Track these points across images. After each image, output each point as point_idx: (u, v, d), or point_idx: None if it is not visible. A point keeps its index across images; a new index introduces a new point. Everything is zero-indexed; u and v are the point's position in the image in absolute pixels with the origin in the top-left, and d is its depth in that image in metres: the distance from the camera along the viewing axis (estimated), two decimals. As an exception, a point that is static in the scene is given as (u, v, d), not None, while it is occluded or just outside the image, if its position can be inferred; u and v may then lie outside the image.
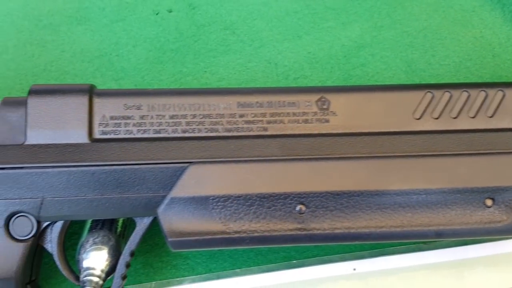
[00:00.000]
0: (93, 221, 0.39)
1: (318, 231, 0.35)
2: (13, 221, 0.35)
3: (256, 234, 0.35)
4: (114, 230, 0.38)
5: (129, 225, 0.40)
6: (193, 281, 0.41)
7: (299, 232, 0.35)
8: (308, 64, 0.51)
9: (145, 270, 0.43)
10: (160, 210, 0.35)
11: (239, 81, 0.51)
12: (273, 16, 0.54)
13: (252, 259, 0.43)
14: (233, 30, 0.53)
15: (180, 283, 0.41)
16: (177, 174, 0.35)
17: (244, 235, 0.35)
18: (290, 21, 0.53)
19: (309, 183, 0.35)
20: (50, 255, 0.37)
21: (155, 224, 0.42)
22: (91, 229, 0.38)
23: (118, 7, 0.54)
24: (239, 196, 0.35)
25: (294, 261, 0.42)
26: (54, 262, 0.37)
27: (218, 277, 0.42)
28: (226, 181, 0.35)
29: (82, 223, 0.39)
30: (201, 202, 0.35)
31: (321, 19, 0.53)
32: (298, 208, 0.35)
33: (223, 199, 0.35)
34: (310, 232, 0.35)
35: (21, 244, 0.35)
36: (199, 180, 0.35)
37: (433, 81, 0.50)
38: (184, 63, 0.52)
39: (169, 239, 0.35)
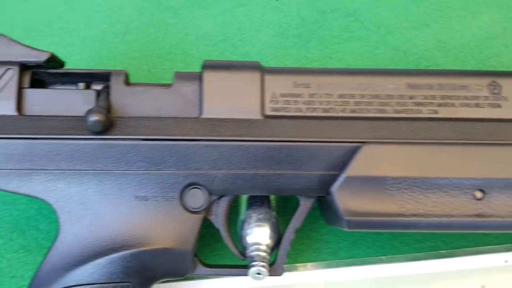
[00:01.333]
0: (251, 198, 0.39)
1: (497, 218, 0.35)
2: (187, 193, 0.36)
3: (433, 219, 0.35)
4: (272, 208, 0.39)
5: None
6: (337, 265, 0.42)
7: (477, 219, 0.35)
8: (440, 52, 0.51)
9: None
10: (334, 189, 0.35)
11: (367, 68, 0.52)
12: (398, 4, 0.54)
13: (396, 247, 0.44)
14: (356, 17, 0.54)
15: (323, 266, 0.42)
16: (350, 154, 0.35)
17: (421, 218, 0.35)
18: (416, 9, 0.54)
19: (487, 169, 0.35)
20: (215, 229, 0.38)
21: (293, 206, 0.43)
22: (250, 206, 0.39)
23: (238, -8, 0.55)
24: (415, 179, 0.35)
25: (443, 251, 0.42)
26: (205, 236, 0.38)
27: (363, 263, 0.42)
28: (401, 162, 0.35)
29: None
30: (377, 183, 0.35)
31: (448, 8, 0.54)
32: (475, 194, 0.35)
33: (399, 180, 0.35)
34: (488, 219, 0.35)
35: (195, 216, 0.36)
36: (374, 161, 0.35)
37: None
38: (308, 49, 0.53)
39: (346, 218, 0.35)
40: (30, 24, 0.54)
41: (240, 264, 0.38)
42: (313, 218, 0.44)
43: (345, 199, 0.35)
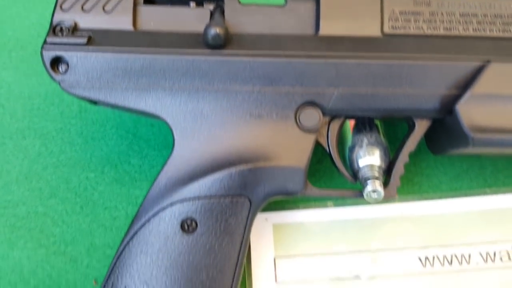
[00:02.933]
0: (358, 124, 0.40)
1: None
2: (302, 112, 0.37)
3: None
4: (380, 133, 0.40)
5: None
6: (439, 197, 0.42)
7: None
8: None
9: (386, 185, 0.44)
10: (459, 106, 0.35)
11: None
12: None
13: (501, 180, 0.44)
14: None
15: (425, 199, 0.43)
16: (475, 72, 0.36)
17: None
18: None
19: None
20: (322, 153, 0.39)
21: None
22: (359, 131, 0.40)
23: None
24: None
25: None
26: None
27: (466, 195, 0.43)
28: None
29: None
30: (503, 100, 0.35)
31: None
32: None
33: None
34: None
35: (308, 136, 0.37)
36: (501, 78, 0.36)
37: None
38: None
39: (471, 135, 0.35)
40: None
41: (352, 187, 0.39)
42: (413, 154, 0.44)
43: (470, 116, 0.35)
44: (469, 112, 0.36)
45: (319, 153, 0.41)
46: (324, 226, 0.43)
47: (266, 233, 0.43)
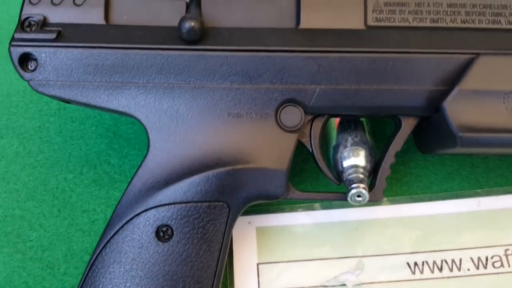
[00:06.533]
0: (343, 122, 0.37)
1: None
2: (283, 110, 0.34)
3: None
4: (366, 132, 0.37)
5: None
6: (430, 199, 0.40)
7: None
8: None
9: (377, 185, 0.41)
10: (447, 103, 0.33)
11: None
12: None
13: (493, 180, 0.41)
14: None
15: (414, 200, 0.40)
16: (464, 66, 0.33)
17: None
18: None
19: None
20: (307, 152, 0.36)
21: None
22: (344, 130, 0.37)
23: None
24: None
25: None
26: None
27: (457, 197, 0.40)
28: None
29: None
30: (494, 96, 0.33)
31: None
32: None
33: None
34: None
35: (290, 136, 0.34)
36: (490, 73, 0.33)
37: None
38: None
39: (460, 135, 0.32)
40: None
41: (336, 191, 0.36)
42: (401, 153, 0.41)
43: (458, 114, 0.33)
44: (457, 109, 0.33)
45: (304, 152, 0.38)
46: (309, 229, 0.40)
47: (249, 237, 0.40)
